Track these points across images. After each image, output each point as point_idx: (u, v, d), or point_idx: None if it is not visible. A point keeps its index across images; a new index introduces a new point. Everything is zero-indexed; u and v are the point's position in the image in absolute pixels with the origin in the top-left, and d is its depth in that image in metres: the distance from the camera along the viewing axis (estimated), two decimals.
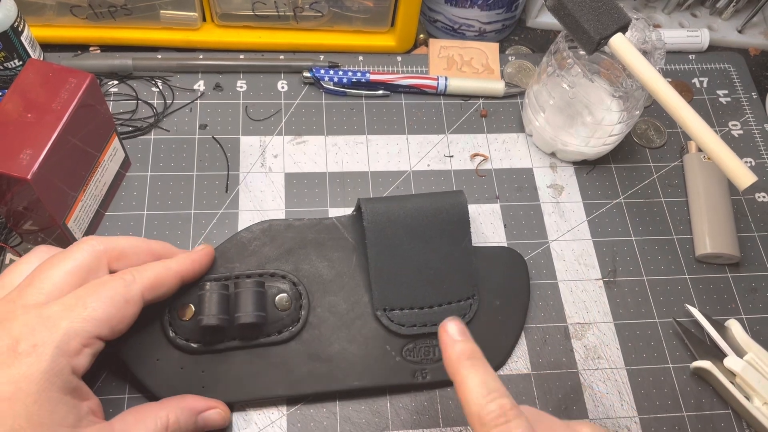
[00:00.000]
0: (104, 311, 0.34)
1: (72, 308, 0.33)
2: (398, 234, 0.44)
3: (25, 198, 0.40)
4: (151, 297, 0.37)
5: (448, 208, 0.45)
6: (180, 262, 0.39)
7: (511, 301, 0.46)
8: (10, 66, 0.49)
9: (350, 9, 0.56)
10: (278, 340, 0.42)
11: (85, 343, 0.33)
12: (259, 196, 0.50)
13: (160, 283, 0.38)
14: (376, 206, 0.45)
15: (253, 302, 0.41)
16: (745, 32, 0.65)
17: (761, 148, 0.58)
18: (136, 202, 0.49)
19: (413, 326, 0.43)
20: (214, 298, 0.40)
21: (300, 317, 0.43)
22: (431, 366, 0.43)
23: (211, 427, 0.39)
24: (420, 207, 0.45)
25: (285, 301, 0.43)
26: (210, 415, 0.39)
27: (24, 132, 0.39)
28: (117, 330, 0.35)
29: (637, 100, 0.49)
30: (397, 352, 0.43)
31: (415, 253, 0.44)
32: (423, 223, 0.45)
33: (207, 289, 0.40)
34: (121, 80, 0.54)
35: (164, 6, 0.54)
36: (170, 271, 0.38)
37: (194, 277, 0.41)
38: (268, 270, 0.43)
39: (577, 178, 0.54)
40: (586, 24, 0.46)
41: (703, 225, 0.51)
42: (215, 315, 0.39)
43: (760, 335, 0.48)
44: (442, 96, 0.57)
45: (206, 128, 0.53)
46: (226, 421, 0.40)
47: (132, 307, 0.36)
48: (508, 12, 0.60)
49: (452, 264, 0.45)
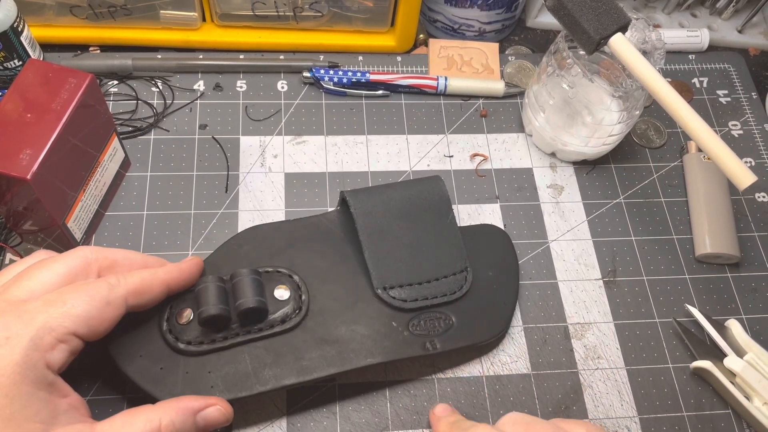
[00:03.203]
0: (83, 309, 0.34)
1: (51, 304, 0.34)
2: (385, 217, 0.46)
3: (24, 198, 0.40)
4: (135, 302, 0.37)
5: (428, 189, 0.47)
6: (167, 271, 0.39)
7: (503, 270, 0.47)
8: (10, 66, 0.49)
9: (350, 9, 0.56)
10: (283, 329, 0.42)
11: (61, 339, 0.33)
12: (258, 196, 0.50)
13: (145, 289, 0.37)
14: (360, 195, 0.46)
15: (252, 288, 0.41)
16: (745, 32, 0.65)
17: (761, 148, 0.58)
18: (136, 202, 0.49)
19: (415, 300, 0.44)
20: (211, 289, 0.40)
21: (302, 305, 0.43)
22: (439, 337, 0.44)
23: (213, 425, 0.38)
24: (401, 191, 0.47)
25: (284, 291, 0.43)
26: (209, 413, 0.38)
27: (24, 132, 0.39)
28: (96, 330, 0.35)
29: (636, 100, 0.49)
30: (403, 327, 0.43)
31: (404, 233, 0.46)
32: (406, 205, 0.46)
33: (203, 283, 0.40)
34: (121, 80, 0.54)
35: (164, 6, 0.54)
36: (156, 279, 0.38)
37: (181, 286, 0.40)
38: (264, 269, 0.43)
39: (577, 178, 0.54)
40: (585, 24, 0.46)
41: (703, 225, 0.51)
42: (214, 305, 0.39)
43: (760, 335, 0.48)
44: (442, 96, 0.57)
45: (206, 128, 0.53)
46: (228, 416, 0.39)
47: (113, 310, 0.35)
48: (508, 12, 0.60)
49: (441, 239, 0.46)
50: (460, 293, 0.45)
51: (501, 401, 0.44)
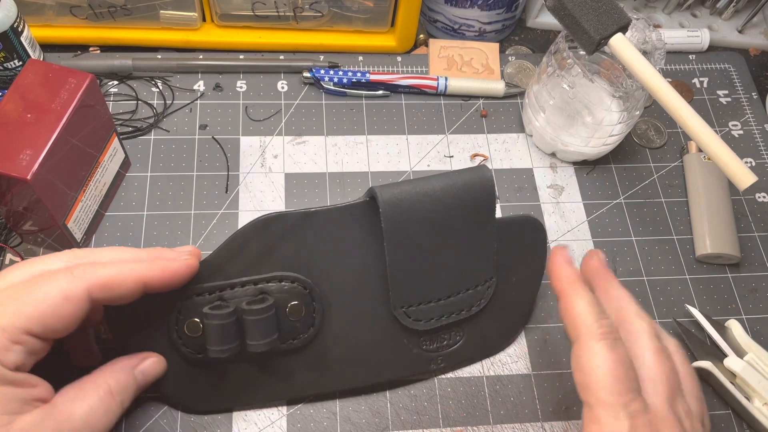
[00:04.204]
0: (36, 307, 0.32)
1: (3, 303, 0.32)
2: (417, 227, 0.40)
3: (25, 198, 0.40)
4: (102, 297, 0.34)
5: (471, 188, 0.41)
6: (147, 268, 0.36)
7: (527, 275, 0.45)
8: (10, 66, 0.49)
9: (350, 9, 0.56)
10: (292, 348, 0.40)
11: (15, 340, 0.32)
12: (259, 196, 0.50)
13: (114, 284, 0.35)
14: (393, 196, 0.40)
15: (263, 329, 0.38)
16: (745, 32, 0.65)
17: (761, 148, 0.58)
18: (136, 202, 0.49)
19: (431, 320, 0.42)
20: (214, 330, 0.37)
21: (314, 323, 0.40)
22: (446, 352, 0.43)
23: (151, 377, 0.38)
24: (440, 192, 0.41)
25: (297, 308, 0.40)
26: (145, 366, 0.38)
27: (24, 132, 0.39)
28: (53, 328, 0.33)
29: (637, 101, 0.49)
30: (414, 344, 0.43)
31: (435, 246, 0.41)
32: (444, 210, 0.41)
33: (207, 317, 0.38)
34: (121, 80, 0.54)
35: (164, 6, 0.54)
36: (131, 274, 0.35)
37: (165, 287, 0.37)
38: (276, 275, 0.40)
39: (578, 178, 0.54)
40: (586, 24, 0.45)
41: (704, 225, 0.51)
42: (220, 348, 0.37)
43: (760, 335, 0.48)
44: (442, 96, 0.57)
45: (206, 128, 0.53)
46: (162, 367, 0.39)
47: (72, 305, 0.33)
48: (508, 12, 0.60)
49: (474, 250, 0.42)
50: (478, 308, 0.43)
51: (501, 401, 0.44)
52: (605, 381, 0.33)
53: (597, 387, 0.33)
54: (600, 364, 0.34)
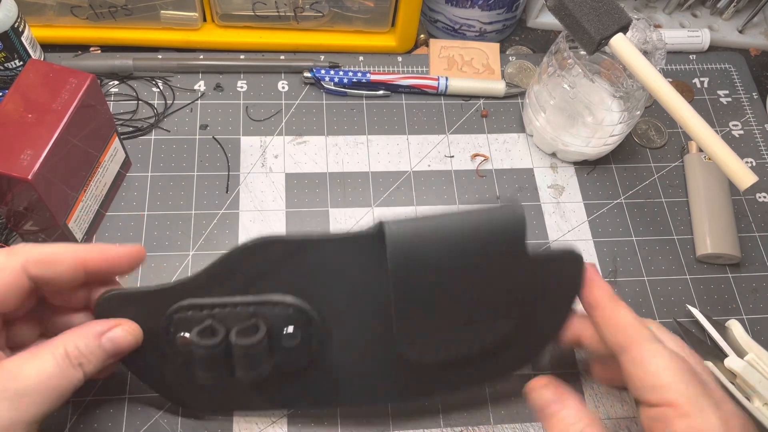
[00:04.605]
0: None
1: None
2: (429, 272, 0.35)
3: (25, 198, 0.40)
4: (39, 273, 0.34)
5: (497, 229, 0.35)
6: (86, 250, 0.36)
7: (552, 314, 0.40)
8: (11, 66, 0.49)
9: (350, 9, 0.56)
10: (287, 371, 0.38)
11: None
12: (259, 196, 0.50)
13: (52, 260, 0.34)
14: (403, 235, 0.35)
15: (251, 361, 0.36)
16: (745, 32, 0.65)
17: (762, 148, 0.58)
18: (136, 202, 0.49)
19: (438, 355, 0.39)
20: (200, 358, 0.36)
21: (311, 351, 0.38)
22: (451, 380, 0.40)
23: (122, 346, 0.36)
24: (460, 232, 0.35)
25: (292, 334, 0.37)
26: (115, 334, 0.35)
27: (25, 132, 0.39)
28: None
29: (637, 101, 0.49)
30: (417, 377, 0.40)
31: (449, 295, 0.36)
32: (461, 254, 0.35)
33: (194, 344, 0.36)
34: (122, 80, 0.54)
35: (164, 6, 0.54)
36: (68, 252, 0.35)
37: (105, 272, 0.36)
38: (272, 299, 0.37)
39: (578, 178, 0.54)
40: (586, 24, 0.46)
41: (704, 225, 0.51)
42: (205, 375, 0.36)
43: (760, 335, 0.48)
44: (443, 96, 0.57)
45: (207, 128, 0.53)
46: (138, 337, 0.36)
47: (8, 276, 0.33)
48: (509, 12, 0.60)
49: (494, 302, 0.37)
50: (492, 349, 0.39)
51: (502, 401, 0.44)
52: (681, 377, 0.34)
53: (672, 384, 0.34)
54: (667, 363, 0.34)
